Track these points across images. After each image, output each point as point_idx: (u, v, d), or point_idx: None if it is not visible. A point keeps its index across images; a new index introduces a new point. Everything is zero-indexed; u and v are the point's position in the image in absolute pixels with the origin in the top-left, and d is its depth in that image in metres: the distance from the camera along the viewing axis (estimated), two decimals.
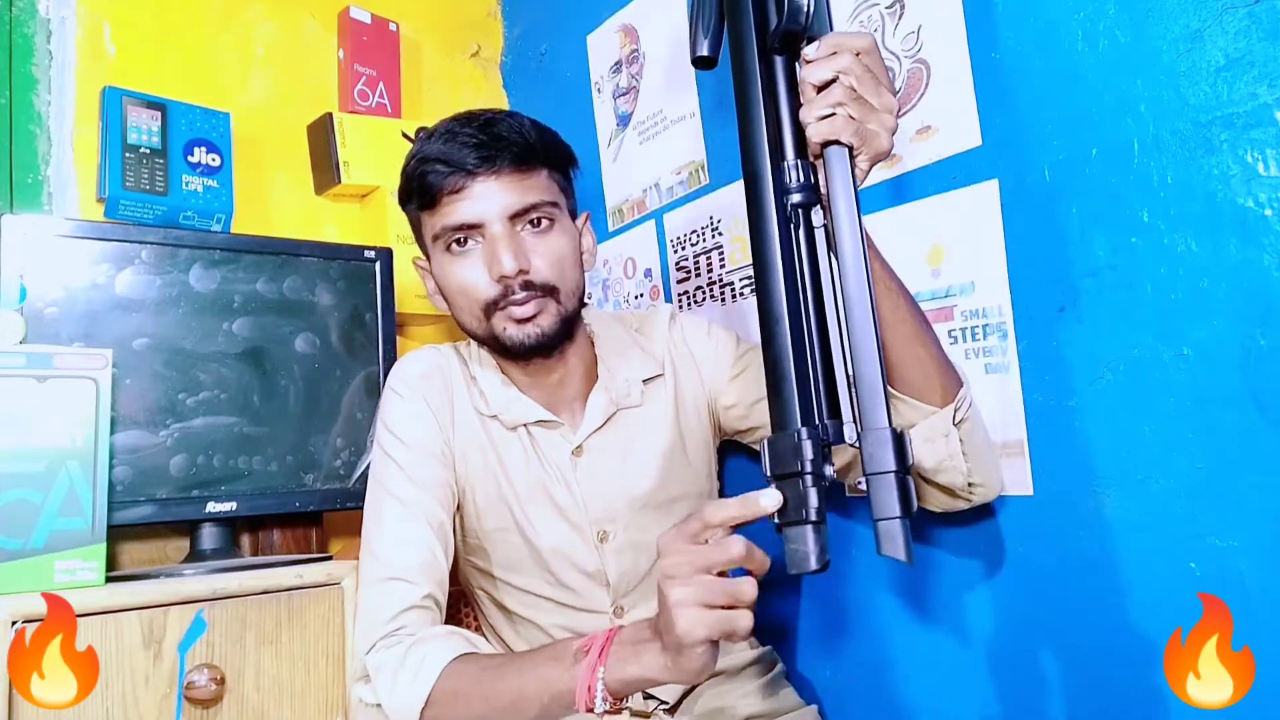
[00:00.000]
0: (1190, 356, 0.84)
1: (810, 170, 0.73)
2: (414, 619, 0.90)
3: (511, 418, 1.02)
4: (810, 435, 0.67)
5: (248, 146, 1.45)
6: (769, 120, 0.74)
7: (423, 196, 0.96)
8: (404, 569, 0.92)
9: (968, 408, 0.87)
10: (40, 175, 1.30)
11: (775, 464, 0.68)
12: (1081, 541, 0.93)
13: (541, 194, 0.97)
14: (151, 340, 1.18)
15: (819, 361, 0.70)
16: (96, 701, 0.91)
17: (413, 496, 0.96)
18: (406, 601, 0.90)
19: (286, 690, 1.03)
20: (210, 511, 1.19)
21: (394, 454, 0.99)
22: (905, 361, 0.85)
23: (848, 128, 0.71)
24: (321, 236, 1.51)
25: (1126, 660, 0.89)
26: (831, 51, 0.72)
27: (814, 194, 0.72)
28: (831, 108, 0.71)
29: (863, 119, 0.72)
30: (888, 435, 0.65)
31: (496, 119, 0.96)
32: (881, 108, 0.73)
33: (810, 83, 0.72)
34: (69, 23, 1.34)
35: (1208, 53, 0.83)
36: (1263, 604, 0.80)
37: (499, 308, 0.96)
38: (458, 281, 0.97)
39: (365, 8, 1.58)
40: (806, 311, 0.71)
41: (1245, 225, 0.81)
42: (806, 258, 0.72)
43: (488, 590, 1.07)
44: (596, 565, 1.01)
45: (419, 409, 1.01)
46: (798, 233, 0.72)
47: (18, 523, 0.95)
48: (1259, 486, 0.80)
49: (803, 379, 0.69)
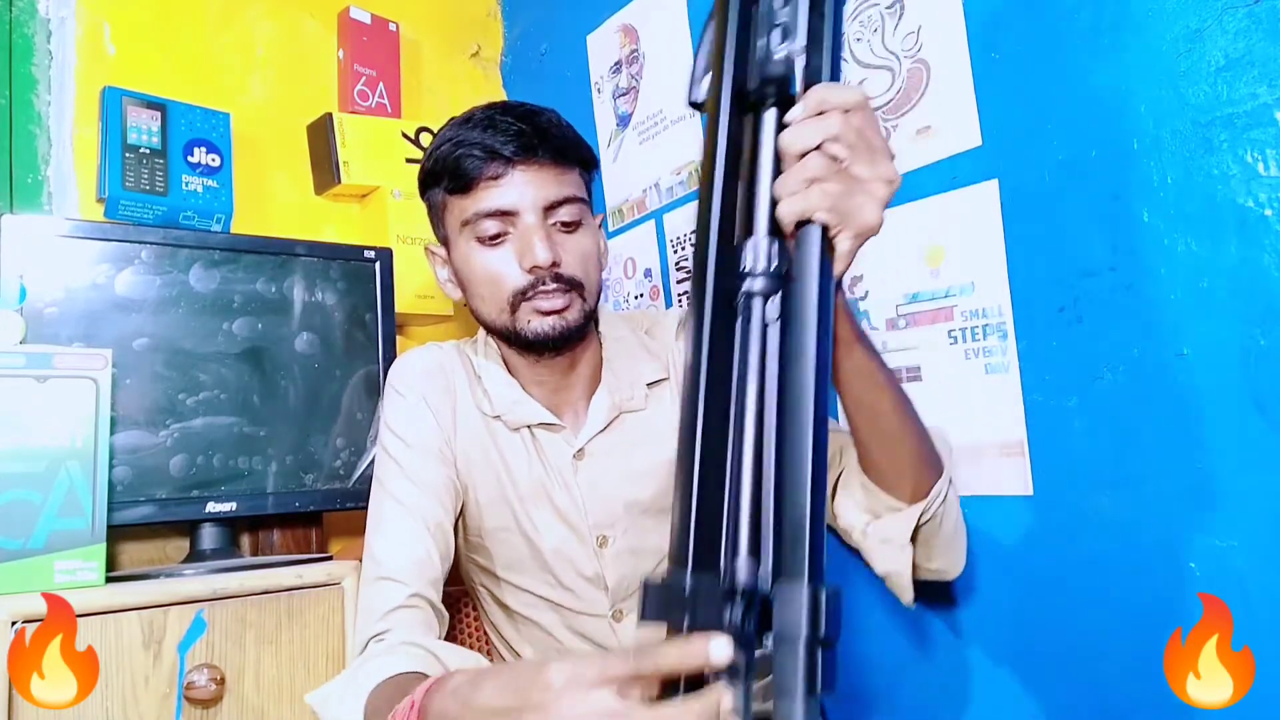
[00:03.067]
0: (1190, 356, 0.84)
1: (783, 252, 0.59)
2: (402, 619, 0.89)
3: (514, 419, 1.02)
4: (705, 584, 0.52)
5: (248, 146, 1.45)
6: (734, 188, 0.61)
7: (456, 180, 0.95)
8: (395, 568, 0.91)
9: (940, 503, 0.84)
10: (40, 175, 1.30)
11: (653, 611, 0.52)
12: (1081, 541, 0.93)
13: (574, 190, 0.97)
14: (151, 340, 1.18)
15: (747, 488, 0.56)
16: (96, 701, 0.91)
17: (411, 496, 0.96)
18: (395, 601, 0.89)
19: (286, 690, 1.03)
20: (210, 511, 1.19)
21: (394, 453, 0.99)
22: (879, 459, 0.84)
23: (822, 203, 0.58)
24: (321, 236, 1.51)
25: (1126, 660, 0.89)
26: (817, 111, 0.60)
27: (777, 282, 0.59)
28: (806, 182, 0.59)
29: (845, 193, 0.60)
30: (802, 593, 0.50)
31: (537, 111, 0.97)
32: (874, 177, 0.62)
33: (789, 151, 0.60)
34: (69, 23, 1.34)
35: (1208, 53, 0.83)
36: (1263, 604, 0.80)
37: (526, 298, 0.95)
38: (485, 270, 0.96)
39: (365, 8, 1.58)
40: (738, 425, 0.57)
41: (1245, 225, 0.81)
42: (755, 358, 0.58)
43: (490, 589, 1.07)
44: (595, 570, 1.01)
45: (419, 408, 1.01)
46: (746, 327, 0.58)
47: (18, 523, 0.95)
48: (1259, 486, 0.80)
49: (707, 511, 0.54)
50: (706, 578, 0.53)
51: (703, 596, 0.53)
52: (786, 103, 0.61)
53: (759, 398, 0.57)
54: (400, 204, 1.51)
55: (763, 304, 0.58)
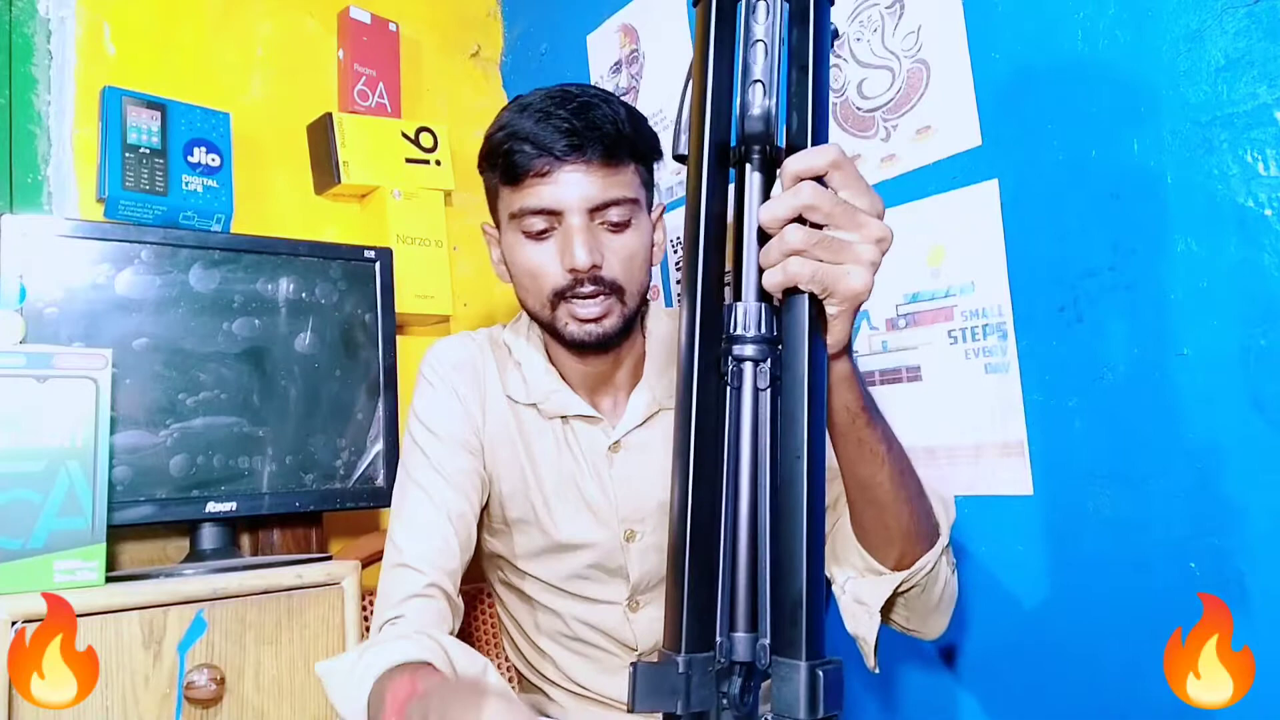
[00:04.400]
0: (1190, 356, 0.84)
1: (773, 317, 0.58)
2: (415, 607, 0.90)
3: (551, 408, 1.02)
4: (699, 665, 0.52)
5: (248, 146, 1.45)
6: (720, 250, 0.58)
7: (506, 173, 0.95)
8: (413, 556, 0.93)
9: (925, 574, 0.82)
10: (40, 175, 1.30)
11: (644, 697, 0.52)
12: (1081, 541, 0.93)
13: (624, 190, 0.95)
14: (151, 340, 1.18)
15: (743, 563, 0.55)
16: (96, 701, 0.91)
17: (434, 486, 0.97)
18: (410, 589, 0.91)
19: (286, 690, 1.03)
20: (210, 511, 1.19)
21: (422, 443, 1.00)
22: (867, 525, 0.82)
23: (803, 272, 0.57)
24: (321, 236, 1.50)
25: (1126, 660, 0.89)
26: (791, 183, 0.58)
27: (768, 348, 0.57)
28: (784, 254, 0.57)
29: (830, 260, 0.58)
30: (799, 672, 0.50)
31: (592, 104, 0.94)
32: (860, 240, 0.60)
33: (768, 227, 0.58)
34: (69, 23, 1.34)
35: (1208, 53, 0.83)
36: (1263, 604, 0.80)
37: (565, 299, 0.95)
38: (527, 265, 0.96)
39: (365, 8, 1.58)
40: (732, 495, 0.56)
41: (1245, 225, 0.81)
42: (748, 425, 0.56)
43: (508, 576, 1.08)
44: (619, 563, 1.01)
45: (449, 399, 1.02)
46: (737, 394, 0.57)
47: (18, 523, 0.95)
48: (1259, 486, 0.80)
49: (703, 589, 0.53)
50: (701, 658, 0.52)
51: (697, 677, 0.52)
52: (772, 161, 0.60)
53: (753, 467, 0.56)
54: (400, 204, 1.51)
55: (754, 369, 0.57)
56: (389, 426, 1.32)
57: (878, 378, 1.11)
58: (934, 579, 0.83)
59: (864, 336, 1.12)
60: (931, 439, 1.05)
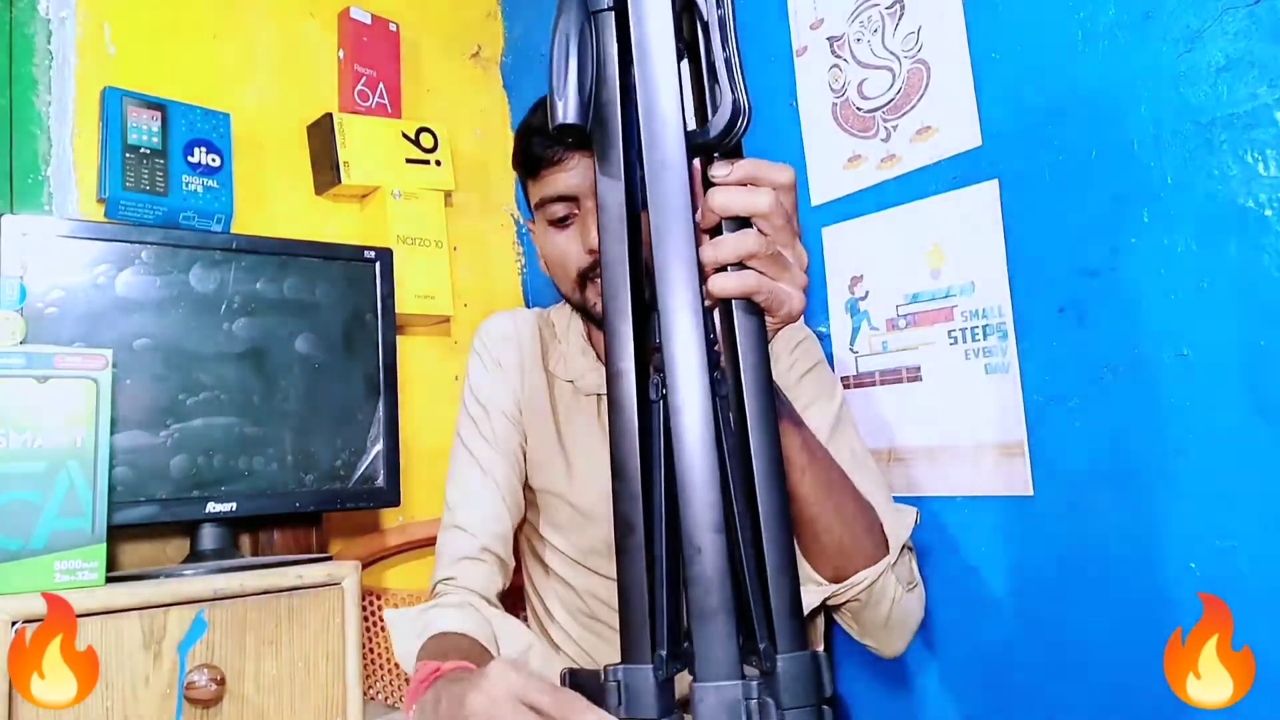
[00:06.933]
0: (1190, 356, 0.84)
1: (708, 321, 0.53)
2: (466, 570, 0.97)
3: (587, 385, 1.06)
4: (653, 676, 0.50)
5: (248, 147, 1.45)
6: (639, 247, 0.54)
7: (527, 166, 1.00)
8: (465, 519, 1.01)
9: (862, 589, 0.82)
10: (40, 175, 1.30)
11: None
12: (1081, 542, 0.93)
13: None
14: (151, 340, 1.18)
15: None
16: (96, 701, 0.91)
17: (485, 454, 1.05)
18: (462, 551, 0.99)
19: (286, 690, 1.03)
20: (210, 511, 1.18)
21: (473, 412, 1.08)
22: (799, 536, 0.81)
23: (761, 288, 0.54)
24: (321, 237, 1.50)
25: (1126, 660, 0.89)
26: (751, 181, 0.55)
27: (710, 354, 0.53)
28: (740, 257, 0.54)
29: (777, 278, 0.56)
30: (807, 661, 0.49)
31: None
32: (796, 262, 0.58)
33: (717, 213, 0.55)
34: (69, 23, 1.34)
35: (1208, 53, 0.83)
36: (1263, 604, 0.80)
37: (590, 279, 0.98)
38: (554, 251, 1.00)
39: (365, 8, 1.58)
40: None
41: (1245, 225, 0.81)
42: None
43: (533, 545, 1.12)
44: None
45: (495, 371, 1.09)
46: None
47: (18, 523, 0.95)
48: (1259, 486, 0.80)
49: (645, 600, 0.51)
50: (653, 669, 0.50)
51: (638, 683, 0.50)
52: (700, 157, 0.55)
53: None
54: (400, 204, 1.51)
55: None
56: (389, 427, 1.32)
57: (878, 378, 1.11)
58: (879, 595, 0.83)
59: (864, 337, 1.12)
60: (931, 439, 1.05)
